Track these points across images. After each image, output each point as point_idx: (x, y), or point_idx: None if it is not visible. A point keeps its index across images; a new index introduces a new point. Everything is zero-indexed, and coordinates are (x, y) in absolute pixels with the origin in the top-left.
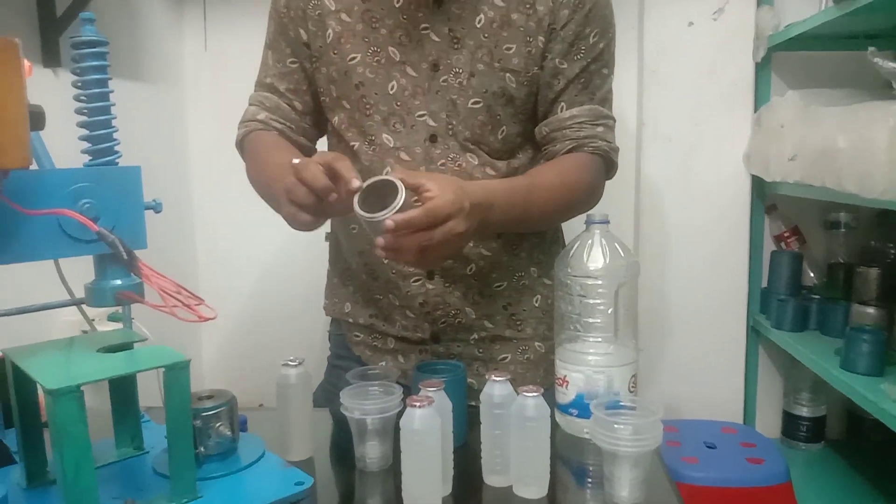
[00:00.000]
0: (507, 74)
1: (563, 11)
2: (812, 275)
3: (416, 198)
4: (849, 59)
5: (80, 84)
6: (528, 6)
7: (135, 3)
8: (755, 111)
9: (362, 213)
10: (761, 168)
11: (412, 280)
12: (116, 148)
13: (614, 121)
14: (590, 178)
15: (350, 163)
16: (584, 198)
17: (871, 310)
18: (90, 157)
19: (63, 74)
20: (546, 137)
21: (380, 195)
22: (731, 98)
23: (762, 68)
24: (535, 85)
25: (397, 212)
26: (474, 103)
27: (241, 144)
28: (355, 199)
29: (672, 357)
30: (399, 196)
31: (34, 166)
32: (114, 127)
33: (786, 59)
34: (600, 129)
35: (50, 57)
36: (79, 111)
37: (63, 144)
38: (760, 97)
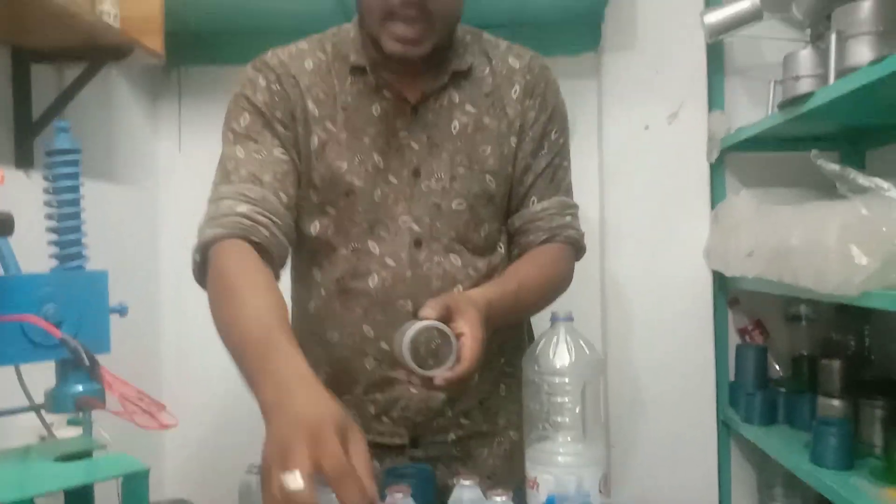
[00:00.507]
0: (487, 175)
1: (531, 113)
2: (777, 367)
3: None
4: (798, 160)
5: (51, 190)
6: (498, 110)
7: (111, 103)
8: (712, 209)
9: (421, 371)
10: (721, 264)
11: (396, 384)
12: (84, 252)
13: (577, 208)
14: (565, 267)
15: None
16: (562, 287)
17: (836, 402)
18: (57, 262)
19: (35, 176)
20: (519, 230)
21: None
22: (689, 196)
23: (717, 168)
24: (510, 183)
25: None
26: (458, 205)
27: (207, 252)
28: (407, 352)
29: (643, 454)
30: (453, 350)
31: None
32: (82, 232)
33: (739, 159)
34: (568, 218)
35: (23, 159)
36: (49, 216)
37: (33, 243)
38: (717, 195)
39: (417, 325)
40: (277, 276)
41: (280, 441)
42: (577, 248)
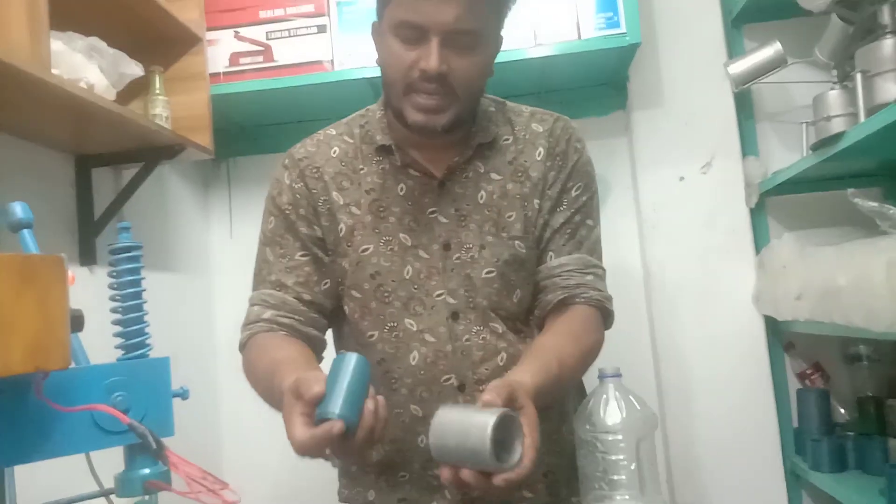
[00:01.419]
0: (515, 241)
1: (551, 173)
2: (842, 411)
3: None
4: (838, 198)
5: (115, 285)
6: (521, 175)
7: (165, 197)
8: (756, 254)
9: (497, 463)
10: (771, 308)
11: None
12: (147, 341)
13: (604, 270)
14: (598, 337)
15: (316, 389)
16: (593, 359)
17: None
18: (123, 352)
19: (98, 271)
20: (537, 287)
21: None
22: (732, 243)
23: (757, 213)
24: (538, 245)
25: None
26: (488, 273)
27: (244, 348)
28: (489, 444)
29: None
30: (519, 446)
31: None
32: (145, 322)
33: (778, 202)
34: (590, 277)
35: (86, 256)
36: (114, 310)
37: (96, 334)
38: (760, 240)
39: (496, 415)
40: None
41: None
42: (602, 312)
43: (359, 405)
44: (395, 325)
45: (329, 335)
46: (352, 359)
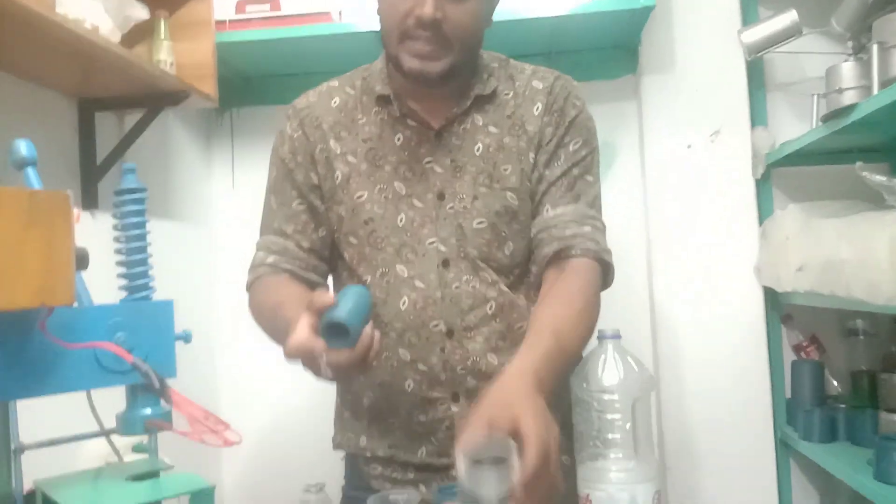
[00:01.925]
0: (508, 193)
1: (549, 128)
2: (835, 383)
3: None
4: (845, 172)
5: (119, 227)
6: (518, 129)
7: (168, 145)
8: (760, 225)
9: (481, 493)
10: (772, 279)
11: (438, 404)
12: (150, 284)
13: (603, 224)
14: (593, 292)
15: (328, 298)
16: (594, 316)
17: None
18: (126, 293)
19: (100, 216)
20: (534, 240)
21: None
22: (736, 213)
23: (763, 184)
24: (532, 199)
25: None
26: (479, 223)
27: (250, 289)
28: (464, 469)
29: (701, 474)
30: (514, 463)
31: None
32: (149, 264)
33: (785, 174)
34: (587, 228)
35: (89, 200)
36: (118, 251)
37: (99, 279)
38: (764, 211)
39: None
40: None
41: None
42: (601, 264)
43: (361, 319)
44: (387, 270)
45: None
46: (359, 287)
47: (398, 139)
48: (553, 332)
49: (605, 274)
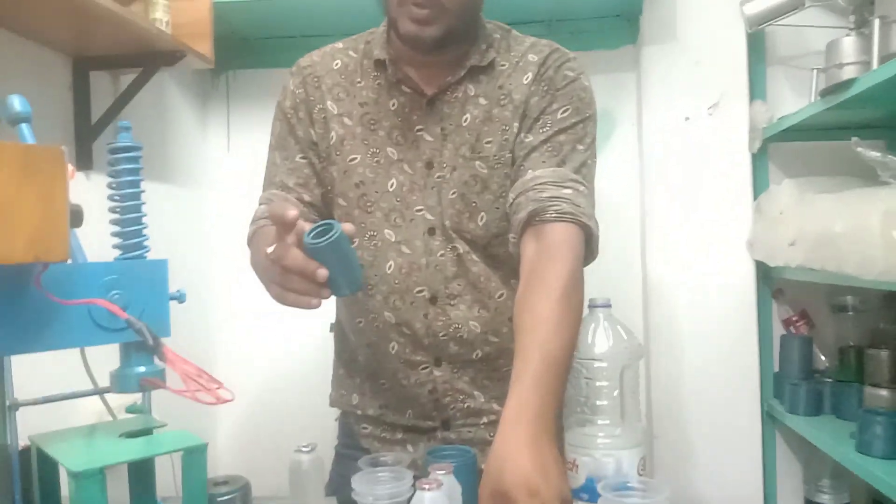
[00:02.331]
0: (477, 162)
1: (535, 97)
2: (823, 358)
3: None
4: (840, 148)
5: (114, 185)
6: (504, 97)
7: (163, 106)
8: (755, 199)
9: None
10: (764, 254)
11: (420, 368)
12: (145, 243)
13: (590, 190)
14: (570, 266)
15: (288, 205)
16: (578, 292)
17: (884, 392)
18: (121, 252)
19: (95, 177)
20: (511, 205)
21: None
22: (732, 187)
23: (759, 158)
24: (507, 167)
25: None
26: (452, 194)
27: (251, 240)
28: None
29: (687, 445)
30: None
31: (70, 261)
32: (143, 224)
33: (781, 149)
34: (568, 191)
35: (83, 160)
36: (112, 210)
37: (94, 239)
38: (759, 185)
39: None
40: None
41: None
42: (584, 230)
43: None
44: (375, 233)
45: None
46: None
47: (393, 104)
48: (539, 348)
49: (588, 242)
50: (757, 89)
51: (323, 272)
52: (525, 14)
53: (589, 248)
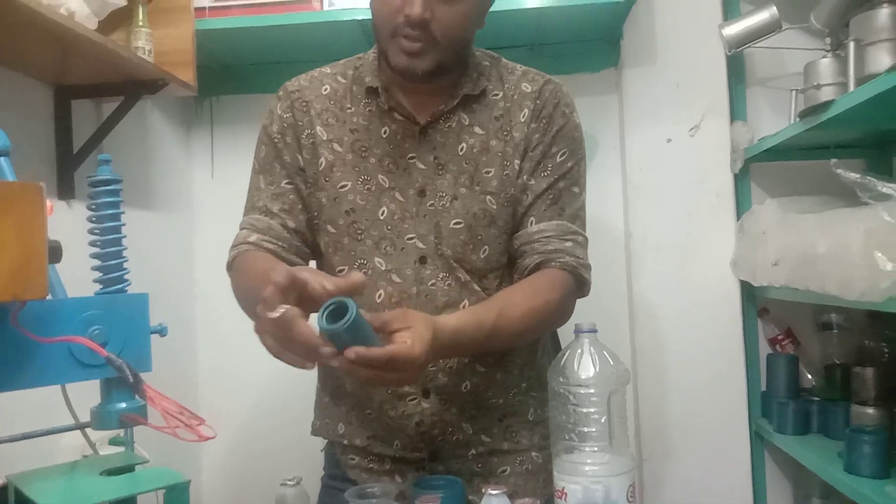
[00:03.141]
0: (487, 196)
1: (535, 135)
2: (809, 376)
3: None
4: (822, 167)
5: (94, 219)
6: (505, 133)
7: (146, 133)
8: (738, 219)
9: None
10: (748, 273)
11: (408, 399)
12: (126, 276)
13: (585, 238)
14: (558, 296)
15: (305, 274)
16: (552, 319)
17: (870, 410)
18: (101, 286)
19: (76, 206)
20: (517, 251)
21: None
22: (715, 207)
23: (741, 178)
24: (514, 205)
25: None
26: (455, 224)
27: (231, 267)
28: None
29: (676, 466)
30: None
31: (49, 296)
32: (124, 257)
33: (763, 168)
34: (569, 244)
35: (65, 190)
36: (92, 243)
37: (75, 269)
38: (742, 205)
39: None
40: None
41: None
42: (577, 279)
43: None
44: (365, 262)
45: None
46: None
47: (384, 132)
48: (499, 309)
49: (579, 286)
50: (737, 110)
51: (328, 350)
52: (508, 38)
53: (580, 291)
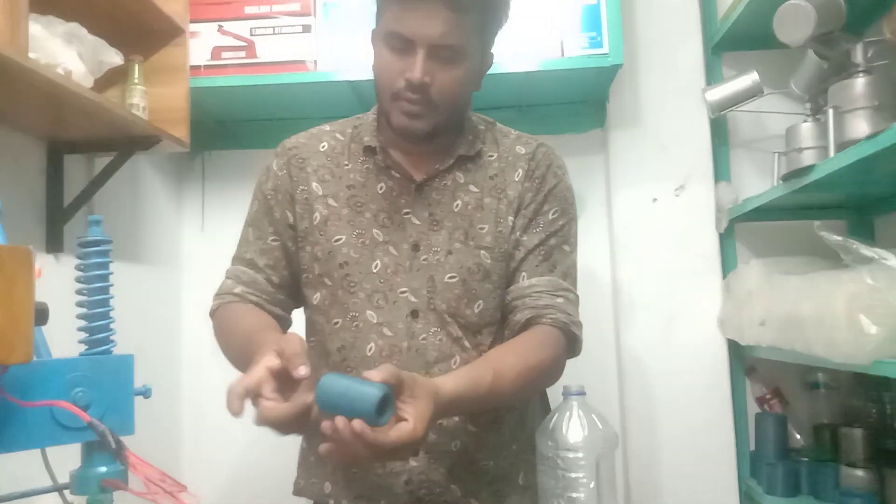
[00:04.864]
0: (482, 251)
1: (528, 194)
2: (798, 436)
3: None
4: (804, 227)
5: (83, 279)
6: (499, 191)
7: (137, 188)
8: (724, 278)
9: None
10: (735, 332)
11: None
12: (112, 337)
13: (576, 296)
14: (551, 354)
15: (298, 347)
16: (544, 378)
17: (860, 472)
18: (87, 347)
19: (64, 259)
20: (508, 306)
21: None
22: (701, 267)
23: (726, 238)
24: (507, 261)
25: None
26: (450, 278)
27: (214, 314)
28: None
29: None
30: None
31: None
32: (111, 318)
33: (748, 228)
34: (560, 300)
35: (54, 244)
36: (80, 304)
37: (61, 323)
38: (728, 265)
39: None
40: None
41: None
42: (568, 336)
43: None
44: (357, 315)
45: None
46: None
47: (381, 188)
48: (494, 370)
49: (571, 344)
50: (721, 171)
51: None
52: (497, 100)
53: (572, 349)
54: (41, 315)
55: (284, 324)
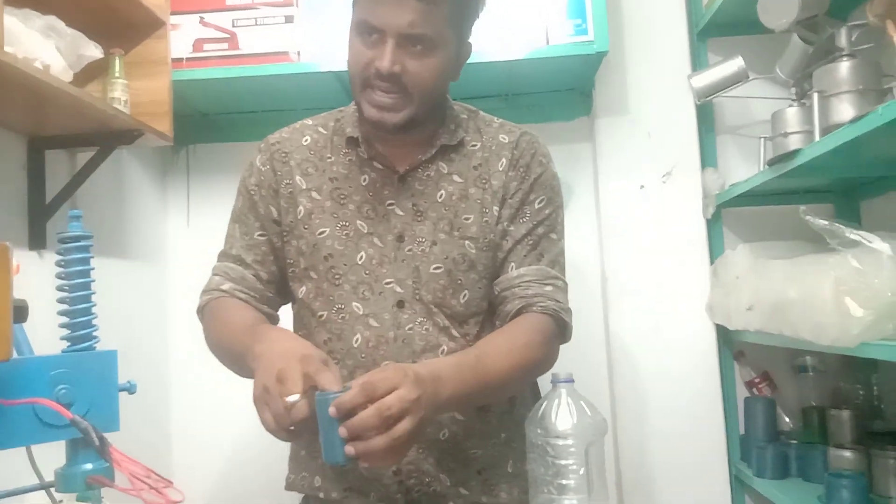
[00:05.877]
0: (466, 242)
1: (513, 183)
2: (787, 419)
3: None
4: (793, 212)
5: (63, 275)
6: (483, 181)
7: (121, 183)
8: (711, 263)
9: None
10: (723, 317)
11: None
12: (95, 333)
13: (565, 283)
14: (541, 339)
15: (332, 374)
16: (536, 361)
17: (848, 453)
18: (69, 343)
19: (47, 256)
20: (497, 297)
21: None
22: (688, 253)
23: (713, 224)
24: (493, 251)
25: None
26: (435, 268)
27: (203, 311)
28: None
29: None
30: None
31: (14, 354)
32: (93, 314)
33: (734, 214)
34: (549, 288)
35: (36, 240)
36: (61, 300)
37: (44, 320)
38: (715, 250)
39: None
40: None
41: (273, 369)
42: (559, 323)
43: None
44: (343, 306)
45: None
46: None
47: (364, 180)
48: (478, 351)
49: (561, 330)
50: (708, 157)
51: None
52: (483, 89)
53: (562, 335)
54: (20, 312)
55: (273, 322)
